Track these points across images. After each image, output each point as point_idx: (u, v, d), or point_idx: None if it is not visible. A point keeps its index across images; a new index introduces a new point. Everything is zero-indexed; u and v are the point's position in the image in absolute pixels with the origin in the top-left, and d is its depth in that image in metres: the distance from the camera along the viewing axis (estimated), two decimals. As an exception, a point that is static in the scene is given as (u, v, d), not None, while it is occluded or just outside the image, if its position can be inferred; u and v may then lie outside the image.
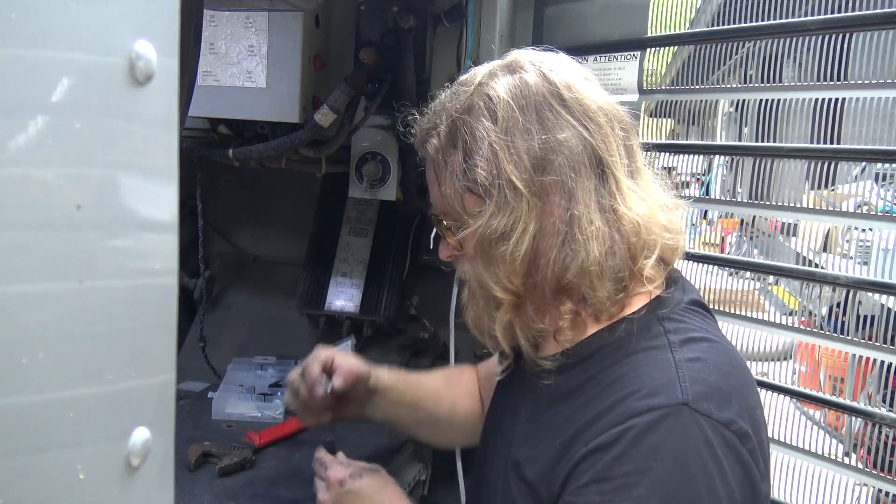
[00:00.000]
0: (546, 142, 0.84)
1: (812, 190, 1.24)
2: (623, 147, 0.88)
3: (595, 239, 0.84)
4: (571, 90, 0.87)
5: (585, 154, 0.85)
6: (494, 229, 0.85)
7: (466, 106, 0.88)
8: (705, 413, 0.77)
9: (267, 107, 1.52)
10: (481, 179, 0.85)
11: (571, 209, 0.84)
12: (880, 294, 1.18)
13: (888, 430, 1.16)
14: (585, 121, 0.86)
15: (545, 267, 0.85)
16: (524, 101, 0.85)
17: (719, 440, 0.77)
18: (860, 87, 1.16)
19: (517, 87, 0.86)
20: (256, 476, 1.31)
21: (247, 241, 2.25)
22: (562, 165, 0.84)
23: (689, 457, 0.76)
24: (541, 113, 0.85)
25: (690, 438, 0.77)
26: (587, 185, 0.85)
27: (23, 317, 0.39)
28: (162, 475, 0.49)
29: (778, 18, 1.24)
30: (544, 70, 0.88)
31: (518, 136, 0.84)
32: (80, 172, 0.42)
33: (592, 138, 0.85)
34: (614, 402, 0.80)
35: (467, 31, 1.50)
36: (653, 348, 0.84)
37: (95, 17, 0.42)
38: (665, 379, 0.80)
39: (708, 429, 0.77)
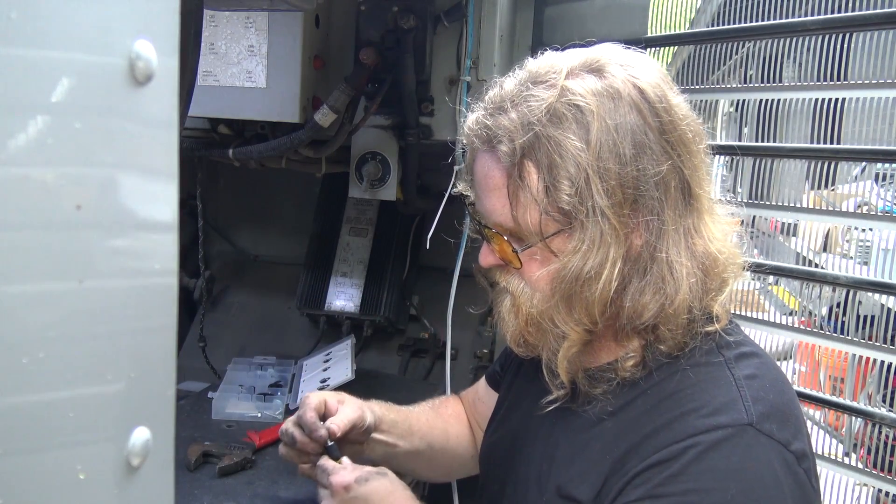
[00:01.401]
0: (640, 172, 0.76)
1: (812, 190, 1.24)
2: (707, 172, 0.84)
3: (685, 280, 0.79)
4: (668, 109, 0.78)
5: (678, 186, 0.79)
6: (582, 266, 0.77)
7: (550, 113, 0.77)
8: (768, 434, 0.75)
9: (267, 107, 1.52)
10: (565, 204, 0.76)
11: (660, 248, 0.78)
12: (880, 294, 1.18)
13: (888, 430, 1.16)
14: (680, 148, 0.79)
15: (622, 307, 0.80)
16: (619, 120, 0.76)
17: (780, 462, 0.75)
18: (860, 87, 1.16)
19: (609, 98, 0.77)
20: (256, 476, 1.31)
21: (247, 241, 2.25)
22: (654, 199, 0.77)
23: (751, 481, 0.73)
24: (636, 137, 0.76)
25: (753, 461, 0.74)
26: (677, 221, 0.79)
27: (23, 317, 0.39)
28: (162, 475, 0.49)
29: (778, 18, 1.24)
30: (635, 79, 0.79)
31: (611, 161, 0.75)
32: (80, 172, 0.42)
33: (685, 168, 0.79)
34: (673, 419, 0.77)
35: (467, 31, 1.50)
36: (709, 364, 0.81)
37: (95, 17, 0.42)
38: (728, 398, 0.77)
39: (770, 451, 0.75)
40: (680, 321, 0.80)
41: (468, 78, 1.52)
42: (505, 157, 0.80)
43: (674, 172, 0.79)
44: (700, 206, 0.82)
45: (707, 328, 0.83)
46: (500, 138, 0.80)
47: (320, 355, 1.76)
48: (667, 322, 0.80)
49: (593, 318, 0.80)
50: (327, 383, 1.59)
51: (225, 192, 2.23)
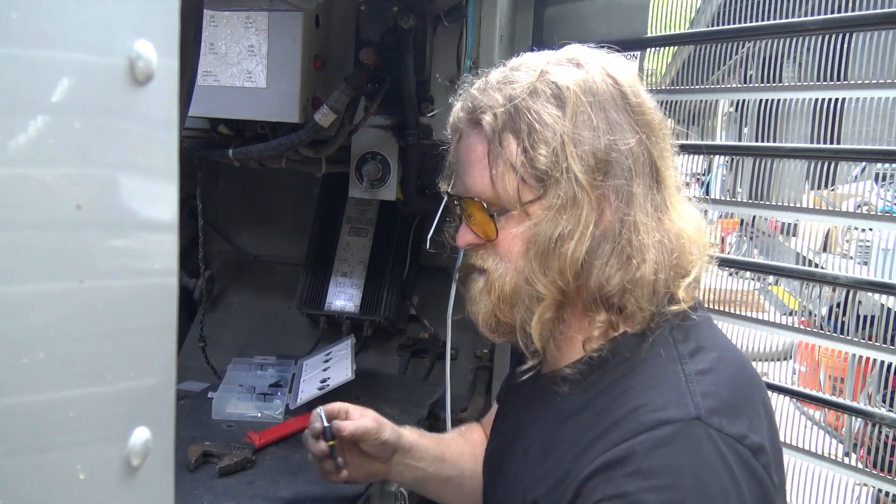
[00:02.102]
0: (612, 143, 0.81)
1: (812, 190, 1.25)
2: (672, 159, 0.87)
3: (651, 249, 0.82)
4: (637, 95, 0.85)
5: (646, 163, 0.84)
6: (556, 225, 0.81)
7: (530, 90, 0.83)
8: (717, 428, 0.75)
9: (267, 107, 1.52)
10: (542, 168, 0.81)
11: (629, 215, 0.82)
12: (880, 294, 1.18)
13: (888, 430, 1.16)
14: (647, 129, 0.84)
15: (592, 273, 0.83)
16: (592, 98, 0.82)
17: (734, 456, 0.75)
18: (860, 87, 1.16)
19: (585, 81, 0.83)
20: (256, 476, 1.31)
21: (247, 241, 2.25)
22: (623, 169, 0.81)
23: (706, 475, 0.74)
24: (608, 113, 0.82)
25: (706, 456, 0.74)
26: (645, 193, 0.83)
27: (23, 317, 0.39)
28: (162, 475, 0.49)
29: (778, 18, 1.24)
30: (609, 70, 0.85)
31: (585, 131, 0.81)
32: (80, 172, 0.42)
33: (652, 147, 0.84)
34: (621, 417, 0.78)
35: (467, 31, 1.50)
36: (661, 360, 0.82)
37: (95, 17, 0.42)
38: (675, 393, 0.78)
39: (722, 445, 0.75)
40: (645, 293, 0.82)
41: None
42: (487, 126, 0.85)
43: (642, 149, 0.84)
44: (668, 186, 0.86)
45: (671, 307, 0.84)
46: (483, 110, 0.86)
47: (320, 355, 1.76)
48: (632, 293, 0.82)
49: (566, 279, 0.83)
50: (327, 383, 1.59)
51: (225, 192, 2.23)
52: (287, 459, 1.39)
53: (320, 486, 1.28)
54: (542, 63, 0.86)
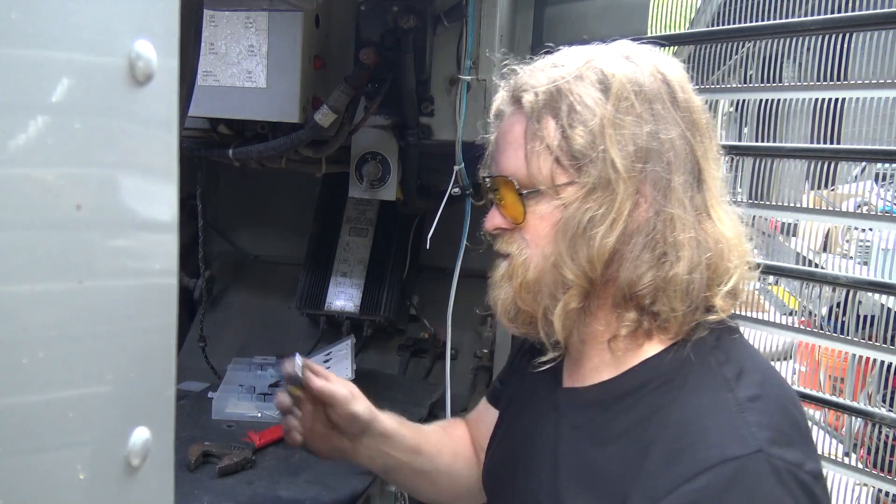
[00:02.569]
0: (654, 133, 0.79)
1: (812, 190, 1.24)
2: (717, 162, 0.84)
3: (687, 247, 0.79)
4: (686, 92, 0.83)
5: (688, 159, 0.81)
6: (588, 209, 0.79)
7: (576, 74, 0.81)
8: (780, 458, 0.73)
9: (267, 107, 1.52)
10: (578, 148, 0.79)
11: (665, 208, 0.79)
12: (880, 294, 1.18)
13: (888, 430, 1.16)
14: (693, 127, 0.82)
15: (622, 265, 0.80)
16: (638, 88, 0.80)
17: (797, 486, 0.72)
18: (860, 87, 1.16)
19: (633, 72, 0.81)
20: (256, 476, 1.31)
21: (247, 241, 2.25)
22: (663, 161, 0.79)
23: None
24: (653, 104, 0.80)
25: (773, 492, 0.72)
26: (684, 189, 0.80)
27: (23, 317, 0.39)
28: (162, 475, 0.49)
29: (778, 18, 1.24)
30: (659, 65, 0.84)
31: (628, 117, 0.79)
32: (80, 172, 0.42)
33: (696, 146, 0.82)
34: (677, 452, 0.74)
35: (467, 31, 1.50)
36: (708, 387, 0.78)
37: (95, 17, 0.42)
38: (730, 425, 0.75)
39: (785, 475, 0.72)
40: (678, 294, 0.79)
41: (468, 78, 1.52)
42: (527, 104, 0.83)
43: (685, 146, 0.81)
44: (709, 188, 0.82)
45: (708, 317, 0.81)
46: (524, 89, 0.84)
47: (320, 355, 1.76)
48: (664, 292, 0.79)
49: (594, 268, 0.79)
50: (327, 383, 1.59)
51: (225, 192, 2.23)
52: (287, 459, 1.39)
53: (320, 486, 1.28)
54: (590, 53, 0.84)
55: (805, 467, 0.74)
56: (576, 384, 0.91)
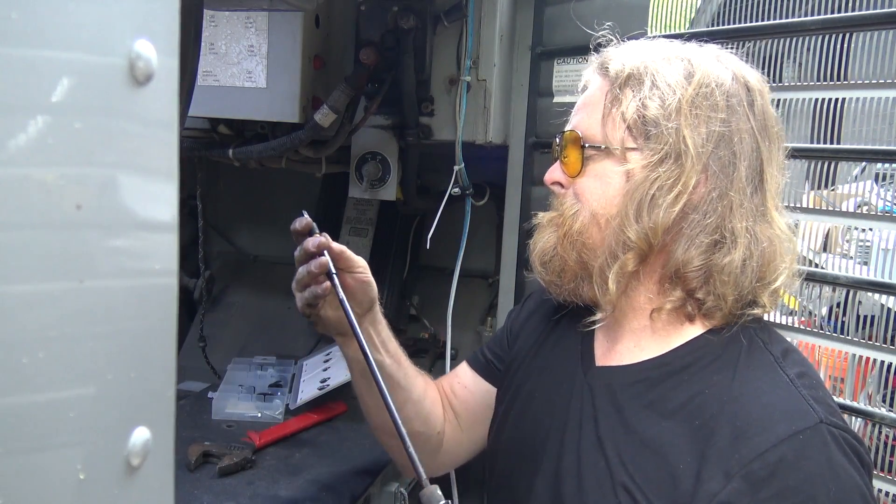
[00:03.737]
0: (727, 124, 0.83)
1: (812, 190, 1.24)
2: (780, 170, 0.88)
3: (743, 236, 0.83)
4: (763, 98, 0.88)
5: (755, 157, 0.85)
6: (657, 178, 0.83)
7: (665, 57, 0.87)
8: (836, 426, 0.78)
9: (267, 107, 1.52)
10: (652, 117, 0.83)
11: (729, 192, 0.83)
12: (880, 294, 1.18)
13: (888, 430, 1.16)
14: (763, 131, 0.86)
15: (679, 240, 0.84)
16: (720, 82, 0.85)
17: (854, 452, 0.77)
18: (860, 87, 1.16)
19: (718, 69, 0.86)
20: (256, 476, 1.31)
21: (247, 241, 2.25)
22: (731, 151, 0.83)
23: (843, 476, 0.76)
24: (730, 100, 0.85)
25: (838, 456, 0.76)
26: (748, 183, 0.84)
27: (23, 317, 0.39)
28: (162, 475, 0.49)
29: (778, 18, 1.23)
30: (743, 71, 0.89)
31: (705, 103, 0.83)
32: (80, 172, 0.42)
33: (763, 149, 0.85)
34: (744, 428, 0.77)
35: (467, 30, 1.50)
36: (761, 364, 0.83)
37: (95, 17, 0.42)
38: (793, 401, 0.79)
39: (844, 444, 0.77)
40: (729, 282, 0.82)
41: (468, 78, 1.52)
42: (613, 71, 0.88)
43: (754, 146, 0.84)
44: (768, 190, 0.86)
45: (753, 310, 0.85)
46: (613, 60, 0.90)
47: (320, 355, 1.76)
48: (716, 279, 0.82)
49: (656, 234, 0.83)
50: (327, 383, 1.59)
51: (225, 192, 2.23)
52: (287, 459, 1.39)
53: (320, 486, 1.29)
54: (682, 46, 0.90)
55: (853, 433, 0.79)
56: (614, 363, 0.92)
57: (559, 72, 1.57)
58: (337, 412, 1.62)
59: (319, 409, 1.59)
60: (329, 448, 1.46)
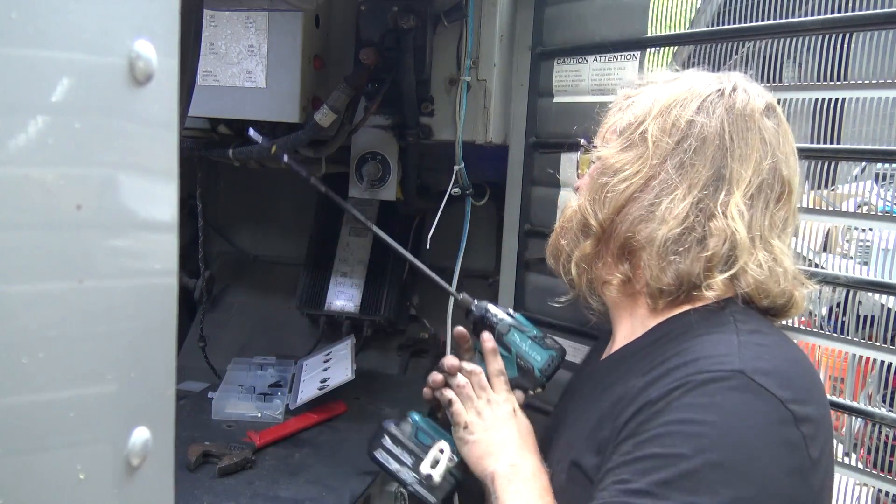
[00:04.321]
0: (691, 121, 0.89)
1: (812, 190, 1.24)
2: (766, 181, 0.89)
3: (673, 219, 0.87)
4: (748, 105, 0.91)
5: (719, 151, 0.88)
6: (614, 162, 0.92)
7: (666, 80, 0.97)
8: (761, 384, 0.75)
9: (267, 107, 1.52)
10: (630, 119, 0.94)
11: (673, 182, 0.88)
12: (880, 294, 1.18)
13: (888, 430, 1.16)
14: (734, 139, 0.89)
15: (627, 217, 0.90)
16: (699, 93, 0.92)
17: (773, 413, 0.75)
18: (860, 87, 1.16)
19: (704, 80, 0.94)
20: (256, 476, 1.31)
21: (247, 241, 2.25)
22: (691, 147, 0.88)
23: (733, 419, 0.74)
24: (704, 103, 0.91)
25: (740, 402, 0.75)
26: (700, 177, 0.88)
27: (23, 317, 0.39)
28: (162, 475, 0.49)
29: (778, 18, 1.23)
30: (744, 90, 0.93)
31: (674, 109, 0.91)
32: (80, 172, 0.42)
33: (730, 154, 0.88)
34: (669, 370, 0.80)
35: (467, 31, 1.50)
36: (719, 332, 0.83)
37: (95, 17, 0.42)
38: (725, 350, 0.79)
39: (761, 400, 0.75)
40: (665, 267, 0.87)
41: (468, 78, 1.52)
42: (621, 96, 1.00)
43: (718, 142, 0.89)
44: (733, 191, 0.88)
45: (706, 293, 0.86)
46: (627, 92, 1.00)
47: (320, 355, 1.76)
48: (650, 254, 0.88)
49: (608, 213, 0.92)
50: (327, 383, 1.59)
51: (225, 192, 2.23)
52: (287, 459, 1.39)
53: (320, 486, 1.29)
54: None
55: (790, 405, 0.75)
56: (606, 355, 1.01)
57: (559, 72, 1.57)
58: (337, 412, 1.62)
59: (319, 409, 1.59)
60: (329, 448, 1.46)
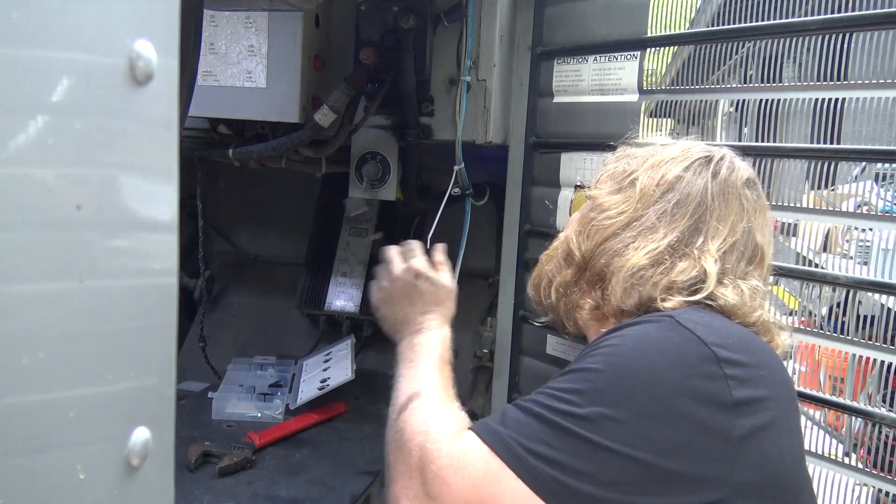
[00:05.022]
0: (679, 177, 0.95)
1: (812, 190, 1.24)
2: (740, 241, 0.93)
3: (646, 254, 0.91)
4: (732, 174, 0.97)
5: (697, 208, 0.94)
6: (603, 202, 0.98)
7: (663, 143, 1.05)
8: (688, 328, 0.77)
9: (267, 107, 1.52)
10: (624, 168, 1.01)
11: (653, 226, 0.93)
12: (880, 294, 1.18)
13: (888, 430, 1.16)
14: (721, 197, 0.94)
15: (606, 250, 0.95)
16: (686, 157, 0.98)
17: (693, 347, 0.76)
18: (860, 87, 1.16)
19: (692, 148, 1.00)
20: (256, 476, 1.31)
21: (247, 241, 2.25)
22: (675, 200, 0.94)
23: (649, 344, 0.77)
24: (692, 165, 0.97)
25: (660, 333, 0.78)
26: (679, 226, 0.93)
27: (23, 317, 0.39)
28: (162, 475, 0.49)
29: (778, 18, 1.23)
30: (728, 162, 0.99)
31: (665, 165, 0.97)
32: (80, 172, 0.42)
33: (715, 210, 0.93)
34: (602, 342, 0.83)
35: (467, 31, 1.50)
36: (659, 317, 0.84)
37: (95, 17, 0.42)
38: (656, 318, 0.82)
39: (683, 338, 0.77)
40: (630, 292, 0.90)
41: (468, 78, 1.52)
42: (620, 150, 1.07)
43: (700, 198, 0.94)
44: (709, 242, 0.92)
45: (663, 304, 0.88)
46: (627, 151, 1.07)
47: (320, 355, 1.76)
48: (618, 279, 0.92)
49: (590, 245, 0.97)
50: (327, 383, 1.59)
51: (225, 192, 2.23)
52: (287, 459, 1.39)
53: (320, 486, 1.29)
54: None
55: (714, 346, 0.76)
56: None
57: (559, 72, 1.57)
58: (337, 412, 1.62)
59: (319, 409, 1.59)
60: (329, 448, 1.46)
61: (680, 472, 0.72)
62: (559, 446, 0.74)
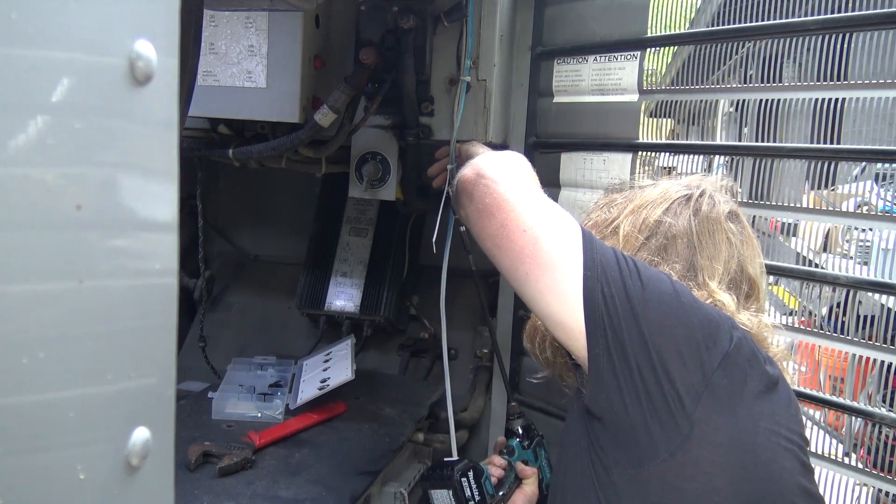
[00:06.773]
0: (659, 221, 1.00)
1: (812, 190, 1.24)
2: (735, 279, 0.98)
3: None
4: (713, 210, 1.01)
5: (686, 249, 0.98)
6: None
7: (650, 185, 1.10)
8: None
9: (267, 107, 1.52)
10: (606, 217, 1.06)
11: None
12: (880, 294, 1.18)
13: (888, 430, 1.16)
14: (704, 234, 0.98)
15: None
16: (672, 196, 1.03)
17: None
18: (860, 87, 1.16)
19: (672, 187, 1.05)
20: (256, 476, 1.31)
21: (247, 241, 2.25)
22: (660, 244, 0.99)
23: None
24: (672, 206, 1.01)
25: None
26: (675, 269, 0.97)
27: (23, 317, 0.39)
28: (162, 475, 0.49)
29: (778, 18, 1.24)
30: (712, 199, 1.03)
31: (645, 210, 1.02)
32: (80, 172, 0.42)
33: (700, 244, 0.98)
34: None
35: (467, 31, 1.50)
36: None
37: (95, 17, 0.42)
38: None
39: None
40: None
41: (468, 78, 1.51)
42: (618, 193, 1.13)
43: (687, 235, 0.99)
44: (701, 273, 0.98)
45: None
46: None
47: (320, 355, 1.76)
48: None
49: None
50: (327, 383, 1.59)
51: (225, 192, 2.23)
52: (287, 459, 1.39)
53: (320, 486, 1.28)
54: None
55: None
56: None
57: (559, 72, 1.57)
58: (337, 412, 1.62)
59: (319, 409, 1.59)
60: (329, 448, 1.46)
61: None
62: None
